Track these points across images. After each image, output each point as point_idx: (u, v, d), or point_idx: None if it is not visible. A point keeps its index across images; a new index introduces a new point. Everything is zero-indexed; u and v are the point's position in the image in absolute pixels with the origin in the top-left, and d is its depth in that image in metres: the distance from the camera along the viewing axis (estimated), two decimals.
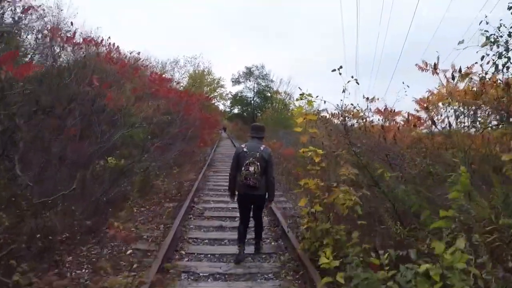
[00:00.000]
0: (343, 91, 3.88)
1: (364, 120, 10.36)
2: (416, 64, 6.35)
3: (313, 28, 79.89)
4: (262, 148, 4.17)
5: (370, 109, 10.76)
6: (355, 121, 11.57)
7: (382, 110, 10.35)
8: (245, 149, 4.15)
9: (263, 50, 75.25)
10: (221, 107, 43.72)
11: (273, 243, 4.96)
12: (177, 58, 34.21)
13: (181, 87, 19.17)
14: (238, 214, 6.27)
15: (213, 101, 37.17)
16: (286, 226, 5.18)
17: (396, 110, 10.37)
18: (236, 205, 6.84)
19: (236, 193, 4.42)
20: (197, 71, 36.60)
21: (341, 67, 3.73)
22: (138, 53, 10.20)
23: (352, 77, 3.78)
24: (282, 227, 5.23)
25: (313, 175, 4.21)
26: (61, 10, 8.90)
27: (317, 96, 3.92)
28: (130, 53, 9.66)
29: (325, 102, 3.96)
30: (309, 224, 4.02)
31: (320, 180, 4.15)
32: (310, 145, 4.29)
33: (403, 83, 5.19)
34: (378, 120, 10.88)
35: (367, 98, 10.77)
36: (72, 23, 7.45)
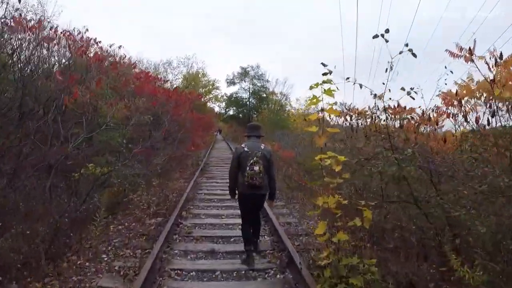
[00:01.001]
0: (389, 69, 2.80)
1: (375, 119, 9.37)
2: (447, 50, 5.35)
3: (312, 27, 79.28)
4: (262, 147, 4.11)
5: (377, 106, 9.83)
6: (361, 120, 10.61)
7: (393, 107, 9.38)
8: (246, 149, 4.04)
9: (261, 51, 74.48)
10: (217, 109, 42.60)
11: (279, 276, 3.87)
12: (170, 59, 33.16)
13: (172, 86, 17.95)
14: (233, 234, 5.29)
15: (206, 101, 36.12)
16: (295, 251, 4.11)
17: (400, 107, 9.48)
18: (231, 221, 5.91)
19: (237, 194, 4.27)
20: (190, 72, 35.51)
21: (387, 30, 2.67)
22: (119, 47, 9.09)
23: (407, 44, 2.70)
24: (289, 252, 4.15)
25: (333, 190, 3.16)
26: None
27: (347, 78, 2.86)
28: (110, 47, 8.56)
29: (361, 86, 2.87)
30: (331, 259, 2.95)
31: (343, 198, 3.10)
32: (326, 149, 3.23)
33: (445, 67, 4.13)
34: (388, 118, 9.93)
35: (375, 95, 9.79)
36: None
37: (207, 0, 74.95)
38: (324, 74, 2.76)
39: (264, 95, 39.68)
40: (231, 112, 42.08)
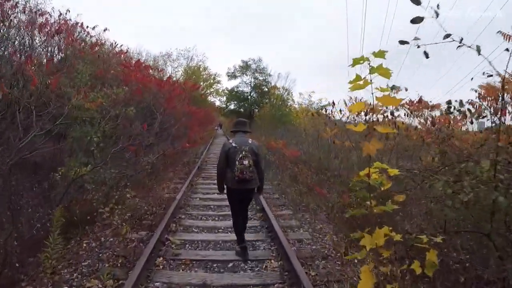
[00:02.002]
0: None
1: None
2: (499, 31, 4.29)
3: (312, 27, 78.00)
4: (250, 141, 4.17)
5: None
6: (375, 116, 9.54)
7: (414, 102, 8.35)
8: (234, 144, 4.08)
9: (261, 51, 73.68)
10: (218, 103, 41.37)
11: None
12: (169, 51, 32.00)
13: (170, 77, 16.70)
14: (232, 256, 4.25)
15: (207, 95, 34.99)
16: None
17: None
18: (228, 237, 4.89)
19: (225, 189, 4.26)
20: (190, 65, 34.28)
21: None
22: (105, 30, 7.96)
23: None
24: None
25: (379, 219, 2.11)
26: None
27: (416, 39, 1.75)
28: (93, 29, 7.41)
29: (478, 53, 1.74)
30: None
31: (394, 231, 2.04)
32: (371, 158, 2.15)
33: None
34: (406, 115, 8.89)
35: (392, 88, 8.70)
36: None
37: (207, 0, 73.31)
38: (416, 20, 1.66)
39: (266, 89, 38.45)
40: (232, 107, 40.86)
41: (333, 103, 9.27)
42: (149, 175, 8.10)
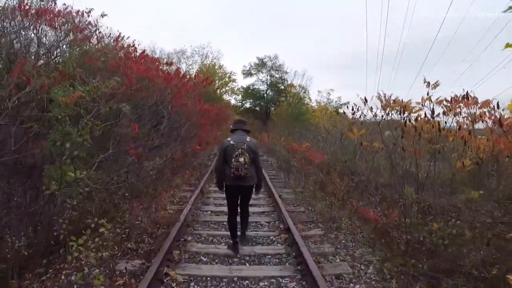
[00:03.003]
0: None
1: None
2: None
3: (313, 23, 76.05)
4: (248, 139, 4.20)
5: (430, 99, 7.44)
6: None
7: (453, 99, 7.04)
8: (231, 142, 4.15)
9: (261, 51, 72.09)
10: (233, 101, 40.36)
11: None
12: (184, 48, 31.22)
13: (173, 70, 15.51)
14: None
15: (220, 90, 33.99)
16: None
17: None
18: (247, 272, 3.77)
19: (224, 185, 4.31)
20: (205, 62, 33.45)
21: None
22: (103, 16, 6.90)
23: None
24: None
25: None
26: None
27: None
28: (87, 13, 6.35)
29: None
30: None
31: None
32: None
33: None
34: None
35: (428, 83, 7.42)
36: None
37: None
38: None
39: (282, 87, 37.18)
40: (247, 105, 39.70)
41: (365, 99, 7.98)
42: (154, 181, 7.08)
